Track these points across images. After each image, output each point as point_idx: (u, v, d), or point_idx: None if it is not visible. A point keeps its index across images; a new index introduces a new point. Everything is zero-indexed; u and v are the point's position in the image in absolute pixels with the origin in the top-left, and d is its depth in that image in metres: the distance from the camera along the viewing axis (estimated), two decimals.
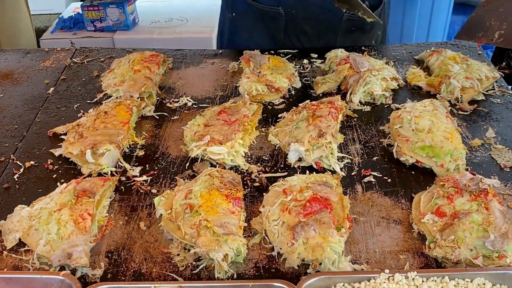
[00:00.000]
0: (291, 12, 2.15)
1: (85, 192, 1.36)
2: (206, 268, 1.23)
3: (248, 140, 1.65)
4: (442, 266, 1.21)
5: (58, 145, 1.64)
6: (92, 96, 1.91)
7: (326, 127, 1.56)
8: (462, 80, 1.81)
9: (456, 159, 1.46)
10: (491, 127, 1.67)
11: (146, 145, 1.67)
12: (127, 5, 3.94)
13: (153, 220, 1.37)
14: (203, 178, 1.40)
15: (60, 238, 1.25)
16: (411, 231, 1.31)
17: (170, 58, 2.15)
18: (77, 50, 2.27)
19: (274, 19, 2.19)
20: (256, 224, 1.35)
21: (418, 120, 1.56)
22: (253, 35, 2.29)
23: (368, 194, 1.44)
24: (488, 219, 1.23)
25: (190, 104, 1.87)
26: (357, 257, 1.25)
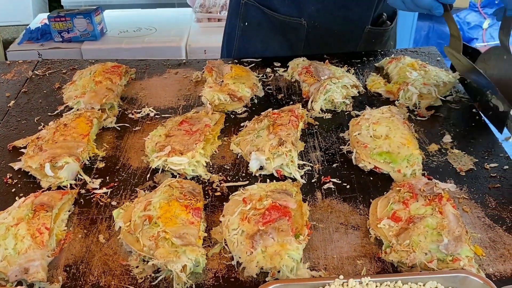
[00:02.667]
0: (314, 24, 2.15)
1: (42, 206, 1.35)
2: (165, 279, 1.23)
3: (210, 149, 1.66)
4: (398, 270, 1.23)
5: (18, 159, 1.62)
6: (53, 109, 1.90)
7: (286, 135, 1.58)
8: (419, 86, 1.84)
9: (413, 164, 1.49)
10: (448, 132, 1.71)
11: (107, 156, 1.66)
12: (95, 15, 3.94)
13: (112, 232, 1.37)
14: (162, 189, 1.40)
15: (17, 253, 1.24)
16: (369, 237, 1.33)
17: (133, 68, 2.15)
18: (39, 62, 2.25)
19: (295, 29, 2.19)
20: (216, 234, 1.35)
21: (375, 127, 1.58)
22: (269, 45, 2.28)
23: (328, 200, 1.46)
24: (442, 223, 1.25)
25: (153, 115, 1.87)
26: (316, 264, 1.26)
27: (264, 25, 2.24)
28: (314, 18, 2.14)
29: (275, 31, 2.23)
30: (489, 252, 1.28)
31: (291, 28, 2.20)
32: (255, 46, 2.31)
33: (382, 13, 2.16)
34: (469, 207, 1.41)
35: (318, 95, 1.83)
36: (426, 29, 5.07)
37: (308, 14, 2.13)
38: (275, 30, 2.22)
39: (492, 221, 1.36)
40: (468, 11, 5.58)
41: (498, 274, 1.22)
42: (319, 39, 2.18)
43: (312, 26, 2.16)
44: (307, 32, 2.18)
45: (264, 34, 2.27)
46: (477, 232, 1.33)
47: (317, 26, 2.16)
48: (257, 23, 2.25)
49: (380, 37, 2.24)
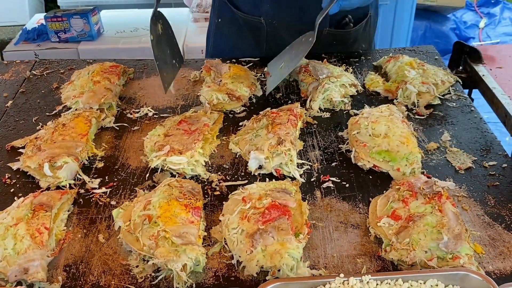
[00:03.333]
0: (272, 23, 2.16)
1: (42, 205, 1.35)
2: (165, 278, 1.23)
3: (209, 149, 1.66)
4: (398, 268, 1.24)
5: (16, 159, 1.62)
6: (51, 109, 1.90)
7: (285, 134, 1.58)
8: (418, 85, 1.84)
9: (412, 162, 1.49)
10: (447, 131, 1.71)
11: (105, 156, 1.66)
12: (92, 15, 3.92)
13: (112, 232, 1.36)
14: (162, 189, 1.40)
15: (17, 253, 1.24)
16: (368, 235, 1.33)
17: (131, 68, 2.14)
18: (36, 62, 2.25)
19: (257, 28, 2.20)
20: (216, 233, 1.35)
21: (374, 126, 1.58)
22: (237, 42, 2.30)
23: (327, 199, 1.46)
24: (442, 221, 1.25)
25: (151, 114, 1.87)
26: (316, 263, 1.26)
27: (234, 23, 2.26)
28: (271, 17, 2.14)
29: (241, 29, 2.25)
30: (488, 250, 1.28)
31: (253, 27, 2.21)
32: (227, 43, 2.34)
33: (347, 15, 2.14)
34: (469, 205, 1.41)
35: (317, 94, 1.83)
36: (423, 28, 5.08)
37: (266, 13, 2.14)
38: (241, 28, 2.25)
39: (491, 219, 1.37)
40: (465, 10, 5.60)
41: (497, 272, 1.22)
42: (279, 39, 2.16)
43: (271, 25, 2.17)
44: (267, 31, 2.19)
45: (234, 32, 2.29)
46: (476, 230, 1.33)
47: (276, 25, 2.16)
48: (228, 20, 2.28)
49: (343, 39, 2.20)
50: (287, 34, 2.11)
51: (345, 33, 2.18)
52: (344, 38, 2.20)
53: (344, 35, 2.19)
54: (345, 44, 2.24)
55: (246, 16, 2.19)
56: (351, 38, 2.23)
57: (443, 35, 5.04)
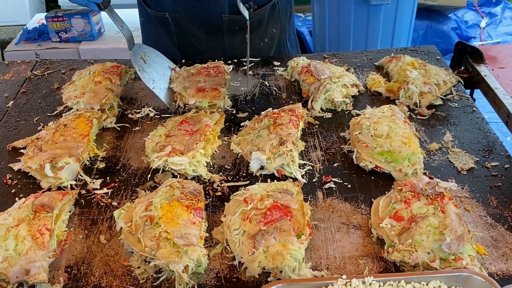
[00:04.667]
0: (176, 17, 2.18)
1: (43, 206, 1.34)
2: (167, 280, 1.22)
3: (210, 149, 1.65)
4: (401, 270, 1.23)
5: (17, 159, 1.62)
6: (52, 109, 1.89)
7: (287, 135, 1.57)
8: (420, 85, 1.84)
9: (414, 163, 1.49)
10: (449, 131, 1.71)
11: (107, 157, 1.65)
12: (92, 15, 3.92)
13: (114, 233, 1.36)
14: (163, 190, 1.39)
15: (18, 254, 1.24)
16: (371, 236, 1.33)
17: (132, 68, 2.14)
18: (37, 62, 2.24)
19: (165, 23, 2.22)
20: (217, 234, 1.35)
21: (376, 126, 1.58)
22: (156, 39, 2.32)
23: (329, 200, 1.46)
24: (444, 222, 1.25)
25: (152, 115, 1.86)
26: (318, 264, 1.26)
27: (150, 20, 2.29)
28: (174, 11, 2.16)
29: (154, 25, 2.27)
30: (491, 251, 1.27)
31: (162, 22, 2.23)
32: (149, 40, 2.36)
33: (248, 1, 2.10)
34: (471, 206, 1.41)
35: (318, 94, 1.83)
36: (424, 28, 5.06)
37: (168, 8, 2.16)
38: (154, 24, 2.27)
39: (494, 220, 1.36)
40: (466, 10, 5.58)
41: (500, 273, 1.22)
42: (187, 32, 2.20)
43: (175, 19, 2.19)
44: (174, 25, 2.21)
45: (152, 28, 2.32)
46: (479, 231, 1.33)
47: (180, 19, 2.18)
48: (146, 17, 2.31)
49: (245, 25, 2.09)
50: (193, 26, 2.12)
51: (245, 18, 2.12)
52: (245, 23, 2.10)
53: (244, 21, 2.10)
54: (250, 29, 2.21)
55: (155, 12, 2.23)
56: (254, 23, 2.20)
57: (444, 35, 5.03)
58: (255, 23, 2.21)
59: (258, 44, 2.28)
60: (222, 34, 2.20)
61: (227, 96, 1.92)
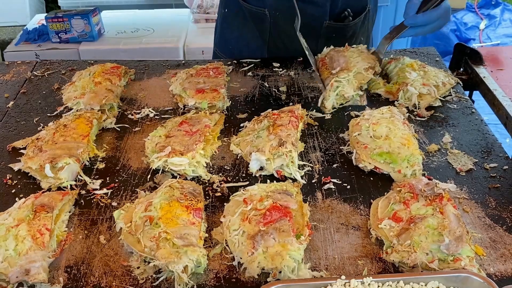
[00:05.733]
0: (276, 14, 2.18)
1: (43, 206, 1.35)
2: (167, 280, 1.23)
3: (210, 150, 1.66)
4: (399, 270, 1.23)
5: (17, 159, 1.62)
6: (52, 109, 1.90)
7: (286, 136, 1.58)
8: (419, 86, 1.84)
9: (413, 164, 1.49)
10: (448, 132, 1.71)
11: (107, 157, 1.66)
12: (92, 16, 3.93)
13: (113, 233, 1.36)
14: (163, 190, 1.40)
15: (18, 254, 1.24)
16: (369, 237, 1.33)
17: (132, 69, 2.15)
18: (37, 62, 2.25)
19: (261, 19, 2.22)
20: (217, 235, 1.35)
21: (375, 127, 1.58)
22: (242, 33, 2.32)
23: (328, 201, 1.46)
24: (443, 223, 1.25)
25: (152, 115, 1.87)
26: (317, 264, 1.26)
27: (240, 13, 2.28)
28: (275, 9, 2.17)
29: (246, 19, 2.27)
30: (489, 252, 1.28)
31: (257, 18, 2.23)
32: (233, 33, 2.36)
33: (346, 9, 2.17)
34: (470, 207, 1.41)
35: (328, 93, 1.83)
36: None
37: (270, 5, 2.17)
38: (247, 18, 2.26)
39: (493, 221, 1.37)
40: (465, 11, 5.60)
41: (499, 274, 1.22)
42: (282, 31, 2.21)
43: (274, 16, 2.19)
44: (271, 23, 2.21)
45: (239, 22, 2.31)
46: (477, 232, 1.33)
47: (279, 17, 2.18)
48: (234, 10, 2.30)
49: (342, 32, 2.23)
50: (290, 27, 2.13)
51: (345, 26, 2.20)
52: (343, 31, 2.22)
53: (344, 28, 2.21)
54: (344, 37, 2.25)
55: (251, 7, 2.21)
56: (350, 31, 2.25)
57: (443, 37, 5.04)
58: (351, 31, 2.25)
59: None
60: (317, 39, 2.22)
61: (227, 97, 1.92)
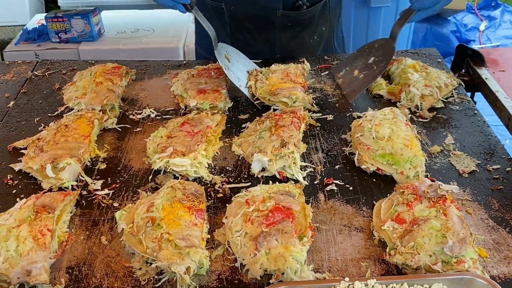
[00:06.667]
0: (231, 8, 2.20)
1: (44, 207, 1.34)
2: (169, 281, 1.22)
3: (212, 151, 1.65)
4: (403, 272, 1.23)
5: (18, 159, 1.61)
6: (53, 109, 1.89)
7: (289, 137, 1.57)
8: (421, 88, 1.84)
9: (416, 166, 1.49)
10: (450, 134, 1.71)
11: (108, 158, 1.65)
12: (92, 16, 3.92)
13: (115, 234, 1.36)
14: (165, 191, 1.39)
15: (19, 255, 1.23)
16: (372, 238, 1.33)
17: (133, 69, 2.14)
18: (38, 62, 2.24)
19: (220, 14, 2.24)
20: (219, 236, 1.35)
21: (378, 129, 1.58)
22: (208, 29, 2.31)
23: (330, 202, 1.45)
24: (446, 225, 1.25)
25: (153, 116, 1.86)
26: (320, 266, 1.26)
27: (205, 9, 2.27)
28: (231, 3, 2.19)
29: (209, 15, 2.24)
30: (493, 254, 1.27)
31: (217, 13, 2.25)
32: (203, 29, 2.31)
33: None
34: (473, 209, 1.41)
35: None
36: (423, 31, 5.08)
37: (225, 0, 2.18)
38: (209, 14, 2.25)
39: (496, 223, 1.36)
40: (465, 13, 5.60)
41: (502, 276, 1.22)
42: (240, 25, 2.22)
43: (231, 11, 2.20)
44: (229, 17, 2.23)
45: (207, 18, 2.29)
46: (480, 234, 1.33)
47: (234, 10, 2.20)
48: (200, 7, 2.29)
49: (297, 21, 2.23)
50: (246, 19, 2.14)
51: (298, 14, 2.20)
52: (298, 20, 2.22)
53: (297, 17, 2.20)
54: (301, 25, 2.26)
55: (211, 2, 2.24)
56: (306, 20, 2.24)
57: (443, 38, 5.04)
58: (307, 20, 2.25)
59: (308, 41, 2.31)
60: (274, 29, 2.23)
61: (228, 97, 1.92)
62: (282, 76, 1.92)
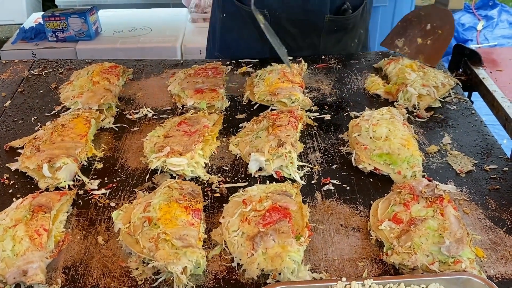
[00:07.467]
0: (275, 14, 2.19)
1: (41, 207, 1.33)
2: (165, 281, 1.22)
3: (209, 150, 1.65)
4: (400, 272, 1.23)
5: (15, 159, 1.61)
6: (50, 109, 1.88)
7: (286, 136, 1.57)
8: (418, 87, 1.84)
9: (413, 166, 1.48)
10: (447, 134, 1.71)
11: (105, 157, 1.65)
12: (89, 15, 3.92)
13: (112, 234, 1.35)
14: (162, 190, 1.39)
15: (15, 255, 1.22)
16: (369, 238, 1.33)
17: (130, 69, 2.13)
18: (35, 61, 2.23)
19: None
20: (216, 236, 1.34)
21: (375, 128, 1.58)
22: (242, 36, 2.32)
23: (328, 202, 1.45)
24: (444, 224, 1.25)
25: (151, 115, 1.86)
26: (317, 266, 1.26)
27: (238, 17, 2.28)
28: (275, 9, 2.18)
29: (246, 22, 2.27)
30: (490, 254, 1.27)
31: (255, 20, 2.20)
32: (233, 37, 2.36)
33: (345, 2, 2.19)
34: (470, 208, 1.41)
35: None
36: None
37: (269, 5, 2.17)
38: (246, 21, 2.26)
39: (493, 223, 1.36)
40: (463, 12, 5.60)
41: (499, 276, 1.22)
42: (282, 30, 2.20)
43: (274, 16, 2.19)
44: (271, 23, 2.20)
45: (239, 26, 2.31)
46: (477, 234, 1.33)
47: (279, 16, 2.19)
48: (233, 14, 2.31)
49: (343, 25, 2.25)
50: (291, 25, 2.13)
51: (344, 19, 2.22)
52: (344, 24, 2.24)
53: (344, 21, 2.23)
54: (345, 30, 2.27)
55: (250, 9, 2.20)
56: (350, 24, 2.27)
57: None
58: (351, 24, 2.27)
59: (349, 46, 2.33)
60: (319, 33, 2.24)
61: (226, 97, 1.91)
62: (279, 76, 1.92)
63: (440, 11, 1.97)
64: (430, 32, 1.97)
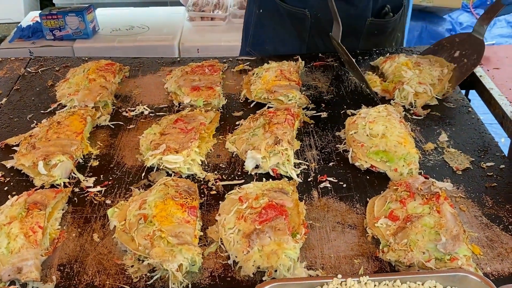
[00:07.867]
0: (317, 15, 2.19)
1: (36, 204, 1.33)
2: (161, 278, 1.21)
3: (205, 148, 1.64)
4: (396, 269, 1.23)
5: (10, 156, 1.60)
6: (46, 106, 1.88)
7: (282, 134, 1.57)
8: (415, 85, 1.84)
9: (409, 163, 1.48)
10: (444, 131, 1.71)
11: (100, 155, 1.64)
12: (87, 13, 3.90)
13: (107, 231, 1.35)
14: (158, 188, 1.39)
15: (10, 252, 1.22)
16: (366, 236, 1.32)
17: (127, 66, 2.13)
18: (31, 59, 2.23)
19: (300, 20, 2.23)
20: (212, 233, 1.34)
21: (372, 126, 1.57)
22: (278, 33, 2.32)
23: (324, 199, 1.45)
24: (440, 222, 1.25)
25: (147, 113, 1.85)
26: (313, 263, 1.25)
27: (276, 13, 2.27)
28: (317, 10, 2.18)
29: (284, 20, 2.26)
30: (486, 251, 1.27)
31: (296, 19, 2.23)
32: (267, 34, 2.35)
33: (386, 5, 2.21)
34: (466, 206, 1.41)
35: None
36: (419, 29, 5.07)
37: (311, 5, 2.17)
38: (284, 19, 2.26)
39: (489, 220, 1.36)
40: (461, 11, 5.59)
41: (495, 273, 1.21)
42: (322, 31, 2.21)
43: (315, 17, 2.19)
44: (311, 23, 2.22)
45: (275, 22, 2.30)
46: (474, 231, 1.33)
47: (320, 17, 2.19)
48: (270, 10, 2.30)
49: (383, 28, 2.27)
50: (330, 26, 2.13)
51: (386, 22, 2.24)
52: (384, 27, 2.27)
53: (385, 25, 2.25)
54: (384, 33, 2.30)
55: (290, 7, 2.22)
56: (390, 27, 2.29)
57: (439, 36, 5.03)
58: (390, 28, 2.29)
59: (389, 48, 2.33)
60: (358, 36, 2.25)
61: (222, 94, 1.91)
62: (276, 74, 1.92)
63: (474, 40, 1.96)
64: (456, 60, 1.96)
